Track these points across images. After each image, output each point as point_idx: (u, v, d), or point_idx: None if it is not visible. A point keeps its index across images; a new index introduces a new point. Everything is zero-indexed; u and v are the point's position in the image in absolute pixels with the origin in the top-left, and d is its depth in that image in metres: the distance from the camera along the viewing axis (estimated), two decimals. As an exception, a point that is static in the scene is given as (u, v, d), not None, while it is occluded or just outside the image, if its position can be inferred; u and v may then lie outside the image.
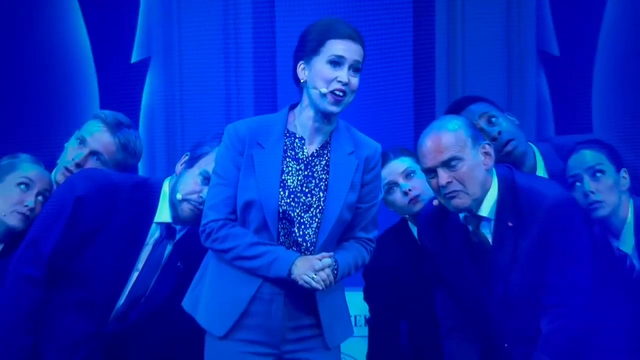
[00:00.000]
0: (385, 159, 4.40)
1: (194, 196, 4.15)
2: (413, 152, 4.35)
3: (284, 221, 3.97)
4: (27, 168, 4.33)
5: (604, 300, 4.16)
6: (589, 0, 5.65)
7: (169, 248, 4.26)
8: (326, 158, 4.02)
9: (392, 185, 4.48)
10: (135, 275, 4.22)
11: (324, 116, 3.93)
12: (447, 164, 3.97)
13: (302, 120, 3.99)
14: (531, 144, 4.56)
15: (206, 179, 4.12)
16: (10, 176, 4.31)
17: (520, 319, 4.08)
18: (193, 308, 4.09)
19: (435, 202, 4.16)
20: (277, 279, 3.92)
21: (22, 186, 4.29)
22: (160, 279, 4.27)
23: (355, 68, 3.91)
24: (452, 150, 3.97)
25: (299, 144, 4.01)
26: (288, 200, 3.96)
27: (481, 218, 4.04)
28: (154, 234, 4.23)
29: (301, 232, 3.98)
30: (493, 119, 4.45)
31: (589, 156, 4.21)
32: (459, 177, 3.97)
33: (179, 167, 4.25)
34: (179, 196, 4.17)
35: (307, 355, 4.03)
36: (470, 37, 5.70)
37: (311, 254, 3.95)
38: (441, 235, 4.17)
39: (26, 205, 4.26)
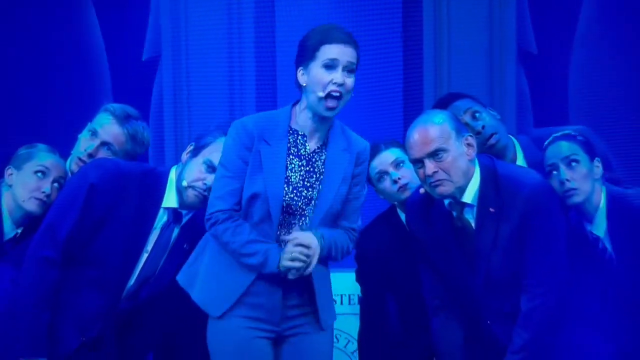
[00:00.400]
0: (376, 150, 4.52)
1: (199, 183, 4.23)
2: (402, 143, 4.41)
3: (285, 214, 4.05)
4: (43, 157, 4.41)
5: (579, 279, 4.24)
6: (565, 1, 5.66)
7: (176, 231, 4.33)
8: (325, 154, 4.10)
9: (383, 174, 4.55)
10: (145, 256, 4.30)
11: (321, 118, 4.04)
12: (433, 155, 4.05)
13: (302, 119, 4.08)
14: (511, 136, 4.63)
15: (210, 167, 4.22)
16: (27, 165, 4.39)
17: (501, 298, 4.17)
18: (188, 284, 4.18)
19: (421, 190, 4.25)
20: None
21: (39, 174, 4.36)
22: (168, 260, 4.34)
23: (349, 69, 3.99)
24: (437, 142, 4.05)
25: (301, 141, 4.09)
26: (292, 195, 4.04)
27: (464, 204, 4.13)
28: (161, 218, 4.31)
29: (300, 223, 4.06)
30: (477, 114, 4.52)
31: (564, 147, 4.28)
32: (444, 167, 4.05)
33: (184, 157, 4.32)
34: (184, 183, 4.25)
35: (305, 330, 4.12)
36: (455, 38, 5.71)
37: None
38: (428, 221, 4.24)
39: (43, 192, 4.35)
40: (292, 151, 4.08)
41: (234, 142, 4.07)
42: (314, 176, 4.08)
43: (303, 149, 4.10)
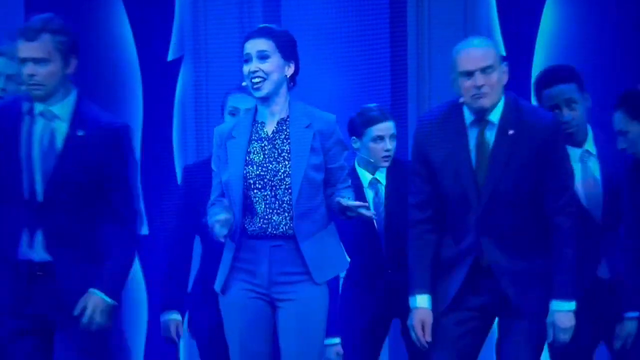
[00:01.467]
0: (383, 117, 4.88)
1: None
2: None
3: (255, 190, 4.20)
4: None
5: None
6: (528, 9, 6.05)
7: (40, 123, 4.12)
8: (286, 132, 4.24)
9: (381, 139, 4.88)
10: (38, 156, 4.08)
11: (260, 99, 4.25)
12: (485, 70, 4.33)
13: (259, 107, 4.28)
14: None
15: (22, 60, 4.06)
16: None
17: (498, 217, 4.37)
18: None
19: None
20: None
21: None
22: (64, 152, 4.11)
23: (261, 56, 4.18)
24: (490, 59, 4.36)
25: (260, 127, 4.26)
26: (257, 172, 4.19)
27: (488, 122, 4.38)
28: (25, 121, 4.12)
29: (274, 193, 4.19)
30: (573, 105, 4.65)
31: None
32: (490, 83, 4.34)
33: None
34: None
35: (294, 296, 4.22)
36: (436, 38, 6.05)
37: (289, 213, 4.20)
38: (442, 138, 4.45)
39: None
40: (253, 137, 4.25)
41: (214, 146, 4.33)
42: (276, 152, 4.22)
43: (262, 133, 4.26)
